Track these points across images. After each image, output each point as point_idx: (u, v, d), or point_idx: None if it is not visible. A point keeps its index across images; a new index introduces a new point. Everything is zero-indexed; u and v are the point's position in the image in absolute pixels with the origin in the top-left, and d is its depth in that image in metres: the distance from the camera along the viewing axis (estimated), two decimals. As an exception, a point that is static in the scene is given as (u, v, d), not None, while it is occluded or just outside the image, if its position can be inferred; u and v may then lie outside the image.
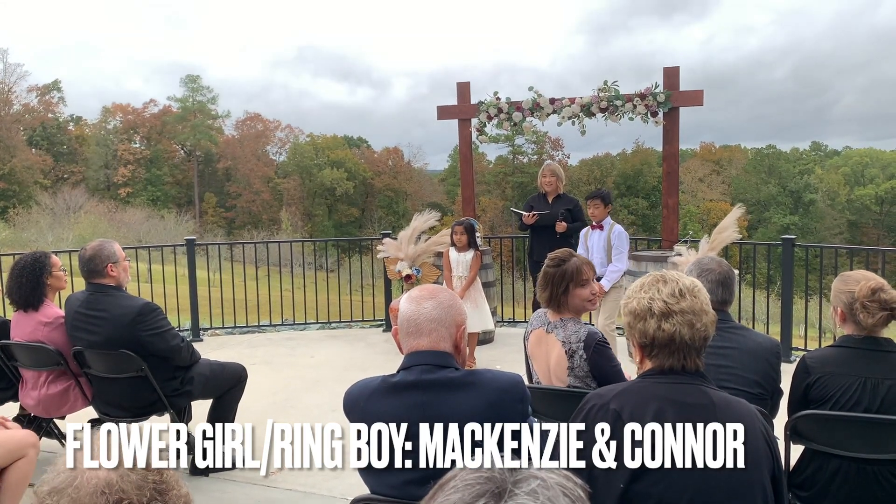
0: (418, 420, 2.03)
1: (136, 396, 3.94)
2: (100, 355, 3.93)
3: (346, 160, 66.43)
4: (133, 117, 66.43)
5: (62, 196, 45.10)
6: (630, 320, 2.00)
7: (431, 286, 2.26)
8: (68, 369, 4.11)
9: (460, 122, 8.13)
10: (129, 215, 45.04)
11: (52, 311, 4.21)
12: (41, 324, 4.12)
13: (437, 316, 2.13)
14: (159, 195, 62.05)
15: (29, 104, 64.37)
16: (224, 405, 4.26)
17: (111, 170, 62.32)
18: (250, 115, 70.87)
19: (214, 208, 64.14)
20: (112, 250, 4.02)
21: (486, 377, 2.12)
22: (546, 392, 2.95)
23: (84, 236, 30.28)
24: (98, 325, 3.91)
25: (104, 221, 41.10)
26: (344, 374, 6.27)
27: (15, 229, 39.08)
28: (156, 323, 3.91)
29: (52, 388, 4.14)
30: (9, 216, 44.77)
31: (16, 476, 3.20)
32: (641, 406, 1.90)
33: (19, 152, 58.91)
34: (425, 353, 2.11)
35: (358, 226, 62.66)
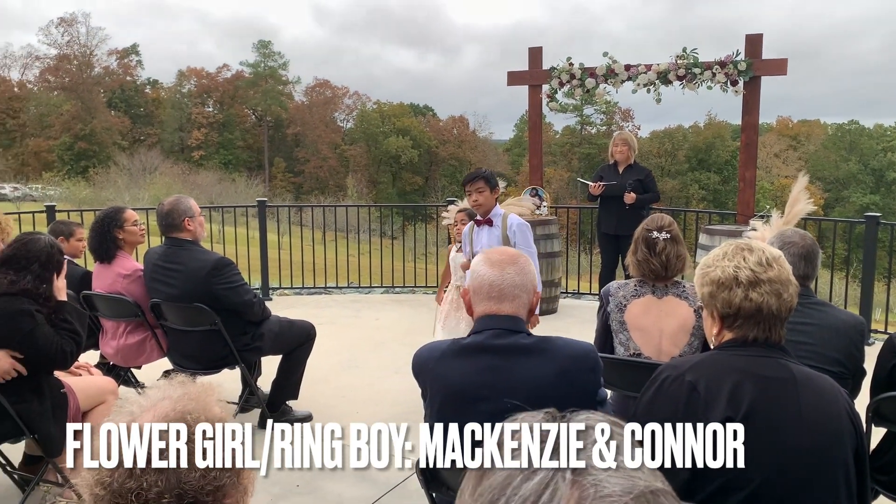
0: (488, 383, 2.02)
1: (208, 350, 4.06)
2: (175, 308, 4.06)
3: (411, 128, 66.56)
4: (207, 81, 67.90)
5: (139, 157, 46.61)
6: (712, 289, 1.93)
7: (507, 249, 2.24)
8: (145, 321, 4.27)
9: (531, 89, 8.00)
10: (201, 177, 46.27)
11: (130, 264, 4.37)
12: (120, 276, 4.28)
13: (520, 282, 2.11)
14: (231, 159, 63.52)
15: (109, 67, 66.52)
16: (293, 362, 4.36)
17: (185, 133, 64.05)
18: (319, 82, 71.57)
19: (283, 173, 65.30)
20: (188, 205, 4.13)
21: (559, 344, 2.09)
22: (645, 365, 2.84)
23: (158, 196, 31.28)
24: (174, 278, 4.03)
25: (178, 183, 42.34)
26: (407, 338, 6.33)
27: (95, 188, 40.68)
28: (230, 277, 4.01)
29: (130, 338, 4.31)
30: (89, 175, 46.59)
31: (96, 420, 3.35)
32: (718, 379, 1.84)
33: (99, 114, 61.12)
34: (501, 318, 2.09)
35: (421, 194, 62.87)
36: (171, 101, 65.92)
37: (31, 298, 3.10)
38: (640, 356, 2.92)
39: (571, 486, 0.68)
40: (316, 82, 71.45)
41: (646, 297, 2.99)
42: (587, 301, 8.15)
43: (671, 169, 56.45)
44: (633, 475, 0.69)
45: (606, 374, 2.69)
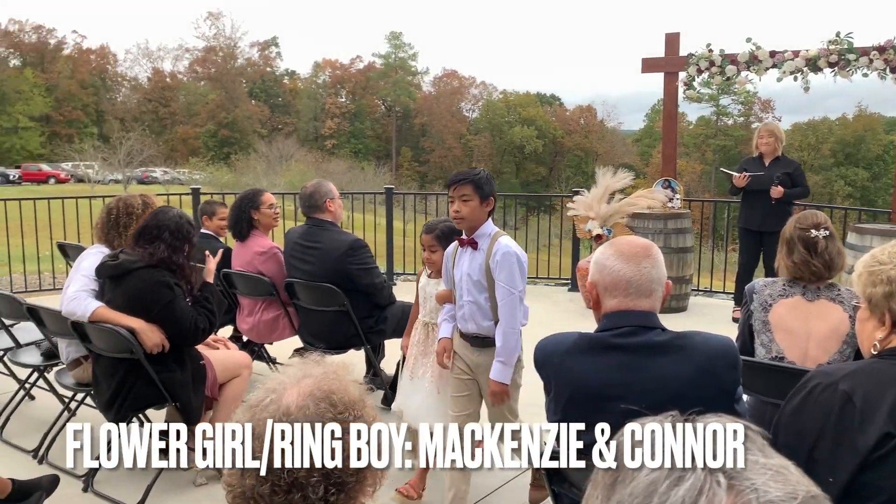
0: (621, 382, 1.93)
1: (336, 330, 4.18)
2: (307, 288, 4.21)
3: (536, 118, 65.98)
4: (340, 72, 70.23)
5: (276, 145, 48.90)
6: (890, 289, 1.75)
7: (636, 239, 2.12)
8: (279, 299, 4.45)
9: (666, 76, 7.69)
10: (333, 165, 47.96)
11: (265, 242, 4.57)
12: (257, 254, 4.48)
13: (656, 275, 2.00)
14: (360, 148, 65.46)
15: (251, 59, 70.16)
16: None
17: (319, 122, 66.59)
18: (447, 72, 72.31)
19: (409, 162, 66.60)
20: (329, 188, 4.31)
21: (697, 340, 1.97)
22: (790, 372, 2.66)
23: (294, 183, 32.72)
24: (312, 256, 4.19)
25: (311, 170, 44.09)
26: (528, 330, 6.22)
27: (235, 173, 43.14)
28: (364, 259, 4.16)
29: (265, 315, 4.52)
30: (231, 161, 49.43)
31: (231, 392, 3.53)
32: (879, 390, 1.67)
33: (241, 103, 64.67)
34: (636, 314, 1.98)
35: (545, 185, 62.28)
36: (307, 91, 68.68)
37: (170, 270, 3.28)
38: (783, 360, 2.72)
39: (728, 491, 0.62)
40: (444, 72, 72.25)
41: (795, 298, 2.76)
42: (719, 300, 7.76)
43: (814, 163, 52.89)
44: (789, 479, 0.63)
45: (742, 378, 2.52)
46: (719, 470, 0.64)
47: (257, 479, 1.07)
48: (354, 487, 1.09)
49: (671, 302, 6.98)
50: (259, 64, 70.28)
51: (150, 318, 3.21)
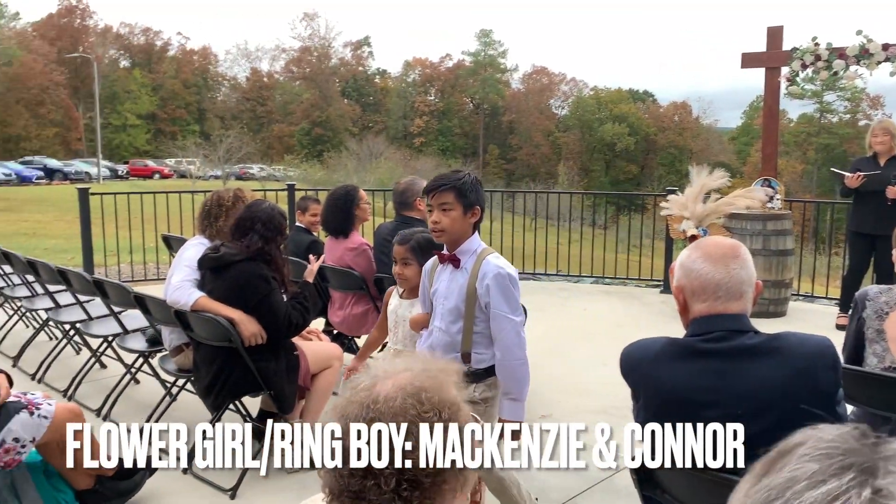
0: (714, 388, 1.86)
1: (424, 325, 4.22)
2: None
3: (628, 115, 64.62)
4: (430, 71, 70.84)
5: (366, 143, 49.84)
6: None
7: (723, 240, 2.04)
8: (368, 294, 4.54)
9: (767, 71, 7.36)
10: (421, 163, 48.47)
11: (357, 239, 4.67)
12: (348, 249, 4.59)
13: (746, 276, 1.92)
14: (448, 145, 65.87)
15: (344, 58, 71.73)
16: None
17: (408, 120, 67.41)
18: (537, 69, 71.76)
19: (496, 160, 66.51)
20: (421, 186, 4.34)
21: (792, 341, 1.87)
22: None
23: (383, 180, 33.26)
24: None
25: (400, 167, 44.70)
26: (616, 331, 6.15)
27: (327, 171, 44.25)
28: None
29: (355, 308, 4.62)
30: (323, 159, 50.73)
31: (323, 382, 3.62)
32: None
33: (334, 102, 66.26)
34: (727, 318, 1.91)
35: (636, 183, 60.94)
36: (397, 90, 69.63)
37: (265, 262, 3.40)
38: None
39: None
40: (533, 69, 71.75)
41: None
42: (821, 305, 7.40)
43: (930, 163, 49.55)
44: None
45: (850, 388, 2.39)
46: (868, 482, 0.61)
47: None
48: (431, 488, 1.07)
49: (769, 306, 6.70)
50: (351, 63, 71.77)
51: (248, 309, 3.34)
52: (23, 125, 53.87)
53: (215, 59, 70.86)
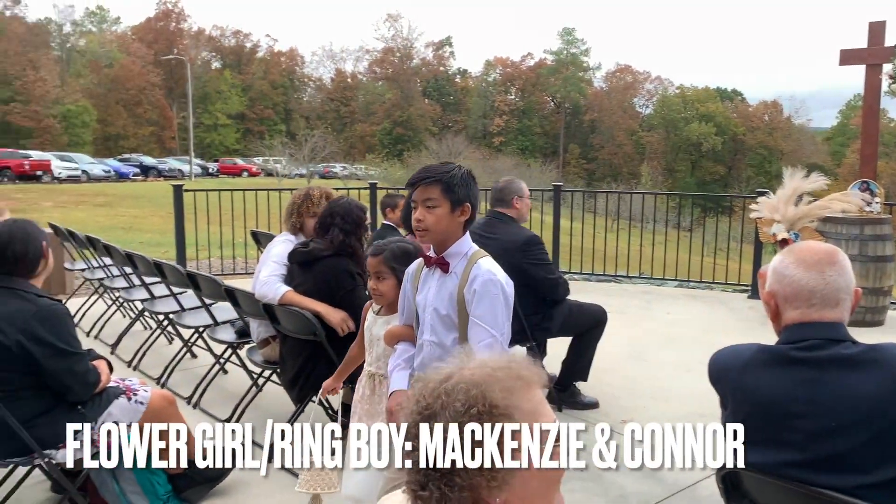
0: (807, 399, 1.79)
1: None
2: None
3: (716, 114, 62.73)
4: (511, 70, 70.65)
5: (446, 142, 50.17)
6: None
7: (818, 245, 1.94)
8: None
9: (868, 68, 7.00)
10: (499, 162, 48.44)
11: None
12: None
13: (844, 283, 1.83)
14: (527, 145, 65.55)
15: (425, 58, 72.38)
16: (584, 343, 4.37)
17: (488, 120, 67.45)
18: (620, 67, 70.53)
19: (577, 159, 65.74)
20: (520, 186, 4.41)
21: (893, 353, 1.78)
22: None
23: (461, 179, 33.41)
24: (488, 247, 4.23)
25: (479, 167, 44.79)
26: (702, 336, 5.98)
27: (407, 170, 44.75)
28: (539, 254, 4.20)
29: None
30: (403, 158, 51.36)
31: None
32: None
33: (415, 102, 66.96)
34: (823, 326, 1.82)
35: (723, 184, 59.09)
36: (478, 89, 69.77)
37: (349, 256, 3.47)
38: None
39: None
40: (617, 67, 70.56)
41: None
42: (924, 316, 6.99)
43: None
44: None
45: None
46: None
47: None
48: (466, 485, 1.07)
49: (866, 315, 6.38)
50: (433, 63, 72.36)
51: (333, 303, 3.43)
52: (121, 124, 56.79)
53: (302, 61, 72.82)
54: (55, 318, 2.73)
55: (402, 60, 70.15)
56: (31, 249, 2.77)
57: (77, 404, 2.81)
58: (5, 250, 2.75)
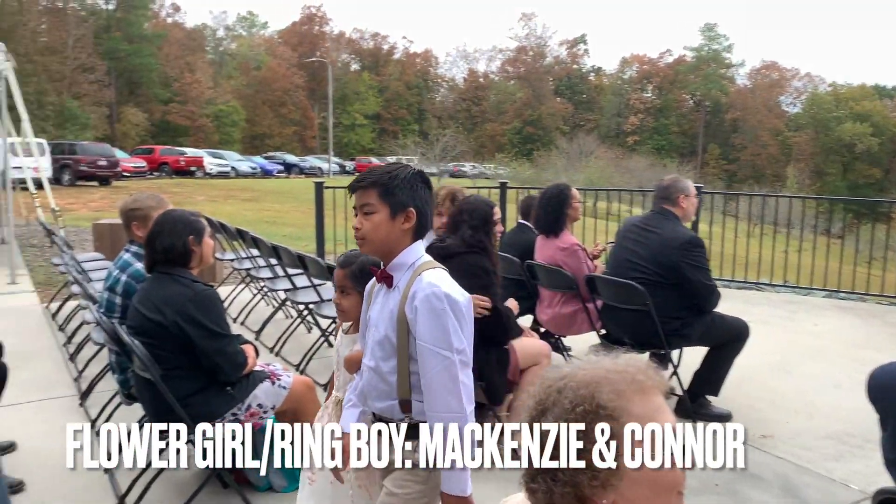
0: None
1: (637, 328, 4.11)
2: (610, 284, 4.20)
3: (872, 113, 58.12)
4: (648, 67, 68.67)
5: (577, 141, 49.45)
6: None
7: None
8: (578, 294, 4.50)
9: None
10: (633, 162, 47.20)
11: (568, 239, 4.65)
12: (559, 249, 4.59)
13: None
14: (664, 144, 63.46)
15: (558, 57, 71.69)
16: (720, 357, 4.17)
17: (622, 118, 65.91)
18: (766, 63, 66.84)
19: (716, 160, 62.94)
20: (687, 185, 4.28)
21: None
22: None
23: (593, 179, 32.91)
24: (647, 239, 4.17)
25: (611, 167, 43.91)
26: (852, 351, 5.56)
27: (537, 169, 44.57)
28: (700, 257, 4.05)
29: (564, 308, 4.61)
30: (533, 157, 51.15)
31: (531, 378, 3.64)
32: None
33: (547, 101, 66.52)
34: None
35: (878, 189, 54.73)
36: (612, 87, 68.37)
37: (481, 251, 3.49)
38: None
39: None
40: (762, 64, 66.90)
41: None
42: None
43: None
44: None
45: None
46: None
47: None
48: (568, 481, 1.09)
49: None
50: (566, 62, 71.60)
51: None
52: (267, 124, 60.15)
53: (436, 62, 74.18)
54: (208, 302, 2.94)
55: (535, 59, 69.83)
56: (178, 243, 2.98)
57: (227, 385, 3.01)
58: (154, 242, 3.00)
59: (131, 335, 2.90)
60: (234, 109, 56.55)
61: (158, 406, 2.89)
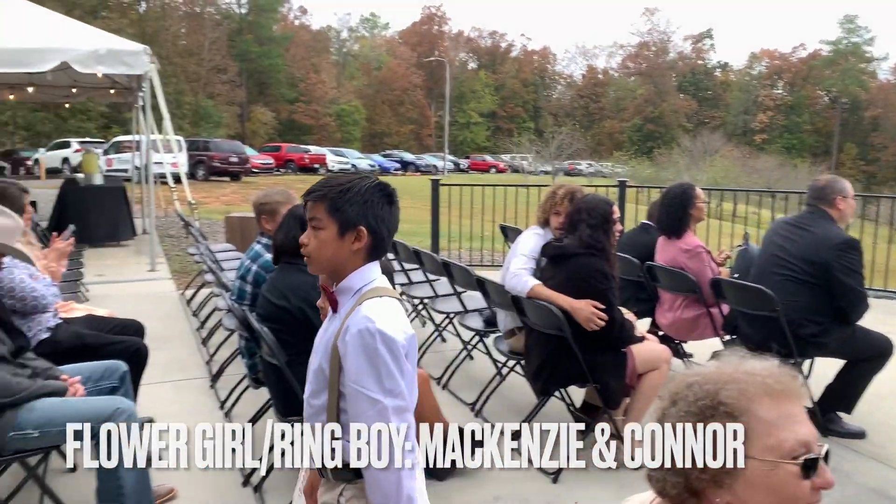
0: None
1: (766, 334, 3.90)
2: (737, 288, 4.02)
3: None
4: (779, 62, 65.16)
5: (700, 140, 47.58)
6: None
7: None
8: (701, 299, 4.33)
9: None
10: (761, 161, 44.89)
11: (692, 240, 4.48)
12: (682, 250, 4.42)
13: None
14: (794, 143, 60.05)
15: (682, 52, 69.24)
16: (856, 374, 3.87)
17: (749, 116, 62.88)
18: (914, 56, 61.65)
19: (853, 160, 58.89)
20: (844, 185, 4.07)
21: None
22: None
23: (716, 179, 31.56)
24: (798, 236, 3.94)
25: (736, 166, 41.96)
26: None
27: (656, 167, 43.24)
28: (855, 261, 3.76)
29: (686, 312, 4.44)
30: (653, 156, 49.66)
31: (649, 383, 3.55)
32: None
33: (669, 97, 64.41)
34: None
35: None
36: (740, 83, 65.37)
37: (598, 251, 3.42)
38: None
39: None
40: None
41: None
42: None
43: None
44: None
45: None
46: None
47: None
48: (680, 471, 1.11)
49: None
50: (691, 57, 69.08)
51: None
52: (386, 122, 61.60)
53: (554, 59, 73.44)
54: None
55: (658, 55, 67.77)
56: (290, 236, 3.08)
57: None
58: (277, 235, 3.18)
59: (260, 322, 3.05)
60: (356, 109, 58.27)
61: (283, 391, 3.02)
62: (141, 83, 8.53)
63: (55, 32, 8.05)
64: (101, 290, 7.22)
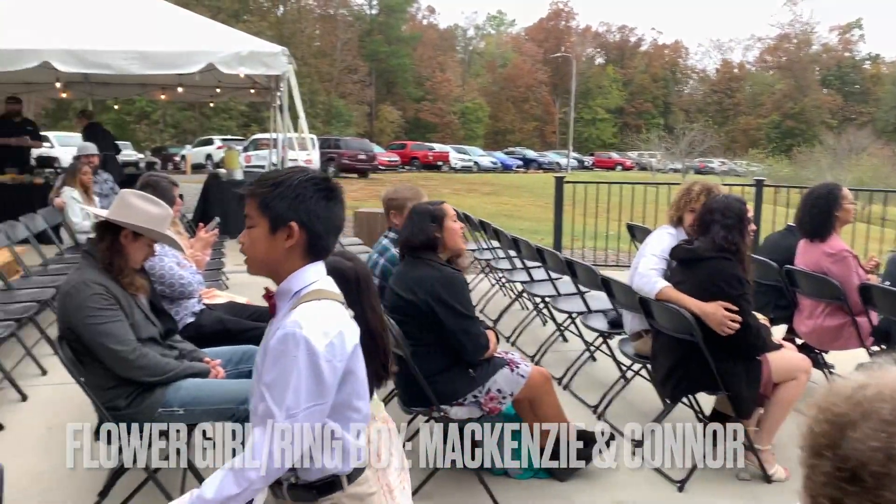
0: None
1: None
2: (891, 296, 3.73)
3: None
4: (940, 52, 59.62)
5: (846, 137, 44.35)
6: None
7: None
8: (846, 306, 4.04)
9: None
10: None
11: (837, 244, 4.19)
12: (825, 254, 4.14)
13: None
14: (956, 140, 54.69)
15: (827, 44, 64.86)
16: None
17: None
18: None
19: None
20: None
21: None
22: None
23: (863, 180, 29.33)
24: None
25: (887, 166, 38.77)
26: None
27: (795, 166, 40.68)
28: None
29: (828, 320, 4.15)
30: (792, 154, 46.79)
31: (785, 393, 3.35)
32: None
33: (811, 92, 60.52)
34: None
35: None
36: (893, 76, 60.36)
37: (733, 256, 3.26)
38: None
39: None
40: None
41: None
42: None
43: None
44: None
45: None
46: None
47: None
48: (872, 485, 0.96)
49: None
50: (837, 49, 64.57)
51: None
52: (509, 120, 61.53)
53: (686, 53, 70.73)
54: (456, 284, 3.16)
55: (799, 47, 63.77)
56: (417, 231, 3.21)
57: (469, 367, 3.14)
58: (404, 230, 3.32)
59: (387, 314, 3.13)
60: (480, 106, 58.56)
61: (407, 383, 3.10)
62: (279, 83, 8.96)
63: (202, 36, 8.59)
64: (241, 278, 7.65)
